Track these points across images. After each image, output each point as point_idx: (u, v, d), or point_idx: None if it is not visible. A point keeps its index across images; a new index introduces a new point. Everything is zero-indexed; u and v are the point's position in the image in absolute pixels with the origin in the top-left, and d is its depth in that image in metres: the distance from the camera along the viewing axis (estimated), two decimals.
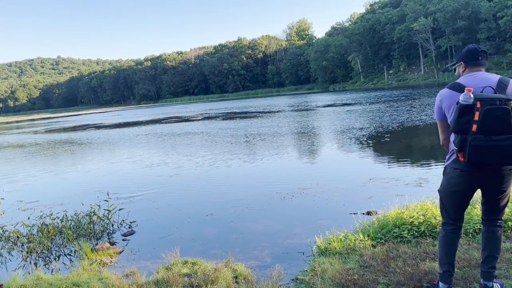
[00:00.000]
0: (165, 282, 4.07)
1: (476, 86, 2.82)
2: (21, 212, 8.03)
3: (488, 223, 3.07)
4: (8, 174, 13.55)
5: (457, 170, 2.90)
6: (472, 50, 2.99)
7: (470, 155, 2.69)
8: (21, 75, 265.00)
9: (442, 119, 3.04)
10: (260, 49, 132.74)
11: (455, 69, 3.18)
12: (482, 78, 2.89)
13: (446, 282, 3.11)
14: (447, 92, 2.95)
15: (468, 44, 3.16)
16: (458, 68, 3.10)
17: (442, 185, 3.08)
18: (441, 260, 3.13)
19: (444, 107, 2.97)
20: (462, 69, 3.05)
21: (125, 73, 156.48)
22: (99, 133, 29.11)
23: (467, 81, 2.91)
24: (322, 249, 4.47)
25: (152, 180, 10.42)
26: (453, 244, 3.08)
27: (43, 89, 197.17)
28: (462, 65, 3.04)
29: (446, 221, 3.11)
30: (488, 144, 2.63)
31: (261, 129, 20.70)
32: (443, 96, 2.98)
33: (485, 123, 2.61)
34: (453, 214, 3.06)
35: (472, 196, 3.04)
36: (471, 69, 2.98)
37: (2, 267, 5.61)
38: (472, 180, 2.88)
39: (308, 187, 8.04)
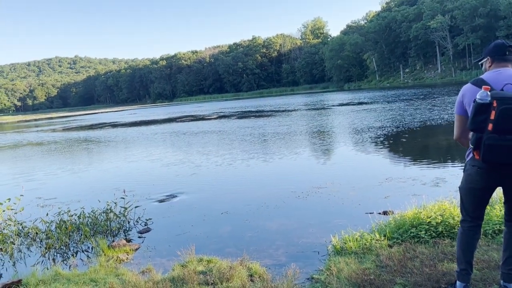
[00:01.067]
0: (181, 279, 4.10)
1: (499, 83, 2.79)
2: (39, 209, 8.18)
3: (510, 224, 3.03)
4: (27, 172, 13.80)
5: (474, 167, 2.88)
6: (499, 45, 2.96)
7: (485, 154, 2.67)
8: (39, 74, 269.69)
9: (462, 114, 3.00)
10: (274, 48, 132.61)
11: (481, 64, 3.14)
12: (507, 74, 2.85)
13: (463, 281, 3.08)
14: (470, 87, 2.93)
15: (496, 40, 3.12)
16: (485, 63, 3.07)
17: (462, 182, 3.05)
18: (458, 258, 3.10)
19: (465, 102, 2.95)
20: (488, 64, 3.01)
21: (141, 72, 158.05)
22: (116, 131, 29.45)
23: (491, 77, 2.88)
24: (337, 248, 4.44)
25: (167, 178, 10.50)
26: (470, 242, 3.04)
27: (60, 88, 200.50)
28: (488, 60, 3.01)
29: (464, 218, 3.08)
30: (503, 144, 2.60)
31: (276, 128, 20.68)
32: (465, 91, 2.96)
33: (500, 123, 2.59)
34: (471, 212, 3.02)
35: (491, 195, 3.00)
36: (498, 64, 2.95)
37: (21, 262, 5.72)
38: (490, 178, 2.85)
39: (323, 186, 8.00)
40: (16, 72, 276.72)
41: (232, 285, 3.87)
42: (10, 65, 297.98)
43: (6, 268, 5.56)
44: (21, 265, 5.62)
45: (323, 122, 21.85)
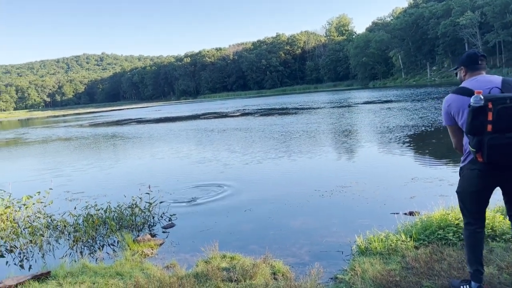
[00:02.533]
0: (205, 275, 4.13)
1: (482, 88, 2.89)
2: (67, 202, 8.40)
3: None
4: (56, 166, 14.18)
5: (474, 170, 2.95)
6: (471, 55, 3.10)
7: (489, 155, 2.74)
8: (68, 70, 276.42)
9: (452, 124, 3.11)
10: (298, 45, 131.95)
11: (456, 73, 3.28)
12: (485, 80, 2.99)
13: (477, 281, 3.13)
14: (454, 97, 3.04)
15: (468, 50, 3.27)
16: (460, 73, 3.22)
17: (460, 187, 3.15)
18: (469, 259, 3.15)
19: (453, 112, 3.04)
20: (463, 74, 3.17)
21: (166, 69, 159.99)
22: (142, 127, 29.92)
23: (472, 84, 3.00)
24: (362, 248, 4.38)
25: (192, 174, 10.59)
26: (479, 243, 3.13)
27: (88, 84, 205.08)
28: (463, 69, 3.16)
29: (468, 221, 3.15)
30: (504, 142, 2.69)
31: (300, 126, 20.59)
32: (450, 101, 3.05)
33: (499, 122, 2.69)
34: (475, 213, 3.10)
35: (490, 195, 3.07)
36: (472, 73, 3.09)
37: (50, 254, 5.88)
38: (490, 179, 2.94)
39: (348, 185, 7.91)
40: (46, 69, 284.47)
41: (256, 282, 3.88)
42: (40, 62, 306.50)
43: (36, 260, 5.72)
44: (50, 257, 5.77)
45: (348, 120, 21.61)
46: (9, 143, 26.47)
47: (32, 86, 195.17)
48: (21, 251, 6.04)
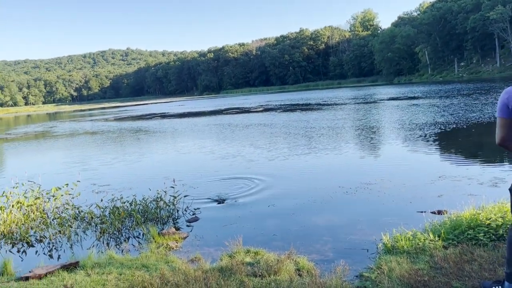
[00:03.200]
0: (229, 269, 4.14)
1: None
2: (94, 195, 8.57)
3: None
4: (84, 160, 14.50)
5: None
6: None
7: None
8: (94, 65, 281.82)
9: (507, 117, 2.90)
10: (322, 40, 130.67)
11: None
12: None
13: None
14: None
15: None
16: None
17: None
18: (509, 260, 3.01)
19: (511, 105, 2.86)
20: None
21: (189, 64, 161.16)
22: (166, 122, 30.27)
23: None
24: (388, 247, 4.31)
25: (216, 169, 10.64)
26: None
27: (113, 79, 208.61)
28: None
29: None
30: None
31: (324, 122, 20.42)
32: (510, 93, 2.87)
33: None
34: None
35: None
36: None
37: (78, 245, 6.01)
38: None
39: (373, 183, 7.80)
40: (73, 64, 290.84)
41: (280, 278, 3.87)
42: (68, 57, 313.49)
43: (64, 250, 5.86)
44: (78, 248, 5.91)
45: (374, 116, 21.29)
46: (38, 136, 27.21)
47: (60, 81, 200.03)
48: (50, 241, 6.20)
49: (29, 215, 7.12)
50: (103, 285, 4.08)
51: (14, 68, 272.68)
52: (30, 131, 31.85)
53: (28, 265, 5.20)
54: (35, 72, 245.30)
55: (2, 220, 6.75)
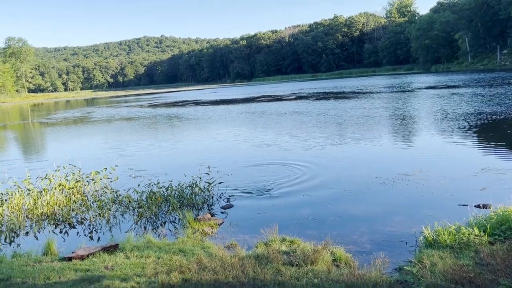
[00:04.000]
0: (265, 257, 4.14)
1: None
2: (132, 179, 8.76)
3: None
4: (121, 145, 14.85)
5: None
6: None
7: None
8: (129, 52, 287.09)
9: None
10: (357, 27, 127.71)
11: None
12: None
13: None
14: None
15: None
16: None
17: None
18: None
19: None
20: None
21: (222, 52, 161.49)
22: (199, 109, 30.55)
23: None
24: (429, 240, 4.18)
25: (251, 157, 10.65)
26: None
27: (147, 66, 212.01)
28: None
29: None
30: None
31: (360, 110, 20.03)
32: None
33: None
34: None
35: None
36: None
37: (117, 228, 6.17)
38: None
39: (410, 174, 7.59)
40: (109, 51, 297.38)
41: (317, 268, 3.83)
42: (104, 44, 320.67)
43: (104, 232, 6.04)
44: (116, 230, 6.06)
45: (412, 105, 20.68)
46: (77, 121, 28.08)
47: (97, 67, 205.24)
48: (91, 223, 6.40)
49: (70, 198, 7.37)
50: (142, 268, 4.17)
51: (54, 55, 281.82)
52: (69, 116, 32.92)
53: (70, 245, 5.38)
54: (74, 59, 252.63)
55: (46, 202, 7.01)
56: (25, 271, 4.27)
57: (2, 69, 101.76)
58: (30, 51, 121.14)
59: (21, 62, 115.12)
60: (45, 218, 6.64)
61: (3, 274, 4.18)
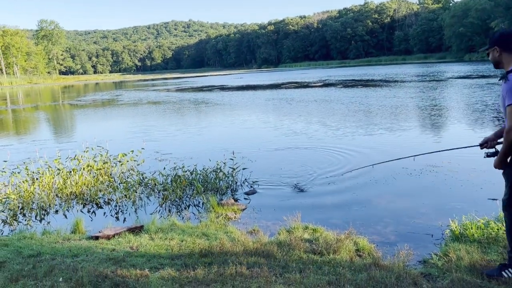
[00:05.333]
0: (288, 244, 4.14)
1: None
2: (157, 162, 8.91)
3: None
4: (147, 129, 15.08)
5: None
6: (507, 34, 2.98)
7: None
8: (157, 36, 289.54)
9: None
10: (388, 13, 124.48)
11: (488, 54, 3.08)
12: None
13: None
14: None
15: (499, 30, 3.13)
16: (493, 53, 3.03)
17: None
18: None
19: None
20: (497, 54, 3.01)
21: (249, 37, 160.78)
22: (226, 94, 30.64)
23: None
24: (456, 234, 4.09)
25: (276, 144, 10.62)
26: None
27: (175, 50, 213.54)
28: (496, 50, 3.00)
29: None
30: None
31: (392, 100, 19.62)
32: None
33: None
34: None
35: None
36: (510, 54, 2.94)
37: (142, 209, 6.30)
38: None
39: (439, 165, 7.40)
40: (138, 35, 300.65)
41: (340, 257, 3.80)
42: (133, 28, 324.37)
43: (129, 213, 6.17)
44: (142, 212, 6.19)
45: (446, 95, 20.04)
46: (106, 103, 28.65)
47: (126, 51, 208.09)
48: (117, 204, 6.55)
49: (98, 178, 7.55)
50: (165, 250, 4.24)
51: (85, 38, 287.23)
52: (98, 99, 33.62)
53: (97, 225, 5.54)
54: (103, 42, 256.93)
55: (74, 182, 7.21)
56: (54, 248, 4.42)
57: (35, 51, 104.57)
58: (62, 33, 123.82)
59: (53, 44, 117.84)
60: (73, 198, 6.83)
61: (33, 251, 4.34)
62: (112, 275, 3.63)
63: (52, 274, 3.70)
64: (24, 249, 4.39)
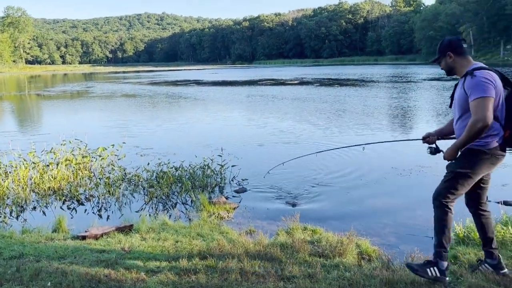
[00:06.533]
0: (291, 246, 3.97)
1: None
2: (139, 158, 8.56)
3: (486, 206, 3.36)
4: (126, 123, 14.60)
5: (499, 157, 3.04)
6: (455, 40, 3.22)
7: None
8: (129, 28, 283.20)
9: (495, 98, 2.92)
10: (361, 14, 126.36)
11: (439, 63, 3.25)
12: None
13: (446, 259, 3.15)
14: (495, 75, 2.98)
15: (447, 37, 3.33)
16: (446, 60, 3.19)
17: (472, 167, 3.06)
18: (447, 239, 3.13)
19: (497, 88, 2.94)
20: (450, 59, 3.17)
21: (223, 32, 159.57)
22: (203, 89, 30.20)
23: None
24: (460, 237, 4.03)
25: (262, 141, 10.42)
26: None
27: (147, 43, 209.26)
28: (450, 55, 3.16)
29: (452, 200, 3.18)
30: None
31: (375, 99, 19.79)
32: (495, 77, 2.97)
33: None
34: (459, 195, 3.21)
35: None
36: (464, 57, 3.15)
37: (127, 207, 5.99)
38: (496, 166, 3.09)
39: (427, 165, 7.41)
40: (109, 26, 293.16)
41: (347, 261, 3.67)
42: (104, 18, 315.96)
43: (113, 211, 5.86)
44: (127, 210, 5.89)
45: (427, 96, 20.37)
46: (77, 95, 27.71)
47: (96, 42, 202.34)
48: (99, 200, 6.21)
49: (77, 173, 7.16)
50: (160, 251, 3.99)
51: (53, 26, 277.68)
52: (68, 90, 32.50)
53: (80, 223, 5.21)
54: (73, 32, 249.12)
55: (52, 176, 6.81)
56: (38, 248, 4.09)
57: (0, 38, 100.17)
58: (29, 21, 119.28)
59: (20, 32, 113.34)
60: (52, 193, 6.44)
61: (15, 251, 4.00)
62: (106, 280, 3.37)
63: (39, 278, 3.40)
64: (4, 250, 4.04)
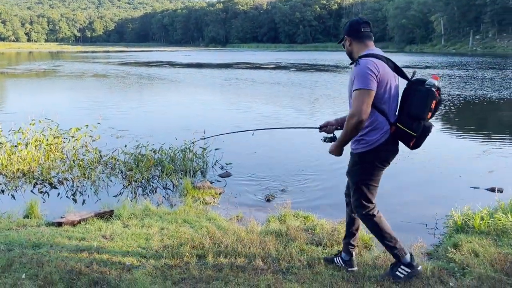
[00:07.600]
0: (286, 234, 3.76)
1: None
2: (115, 139, 8.13)
3: None
4: (98, 102, 13.98)
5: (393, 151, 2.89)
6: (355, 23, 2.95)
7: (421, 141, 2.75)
8: (99, 6, 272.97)
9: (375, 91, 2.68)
10: (335, 0, 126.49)
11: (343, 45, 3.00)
12: None
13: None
14: (382, 64, 2.71)
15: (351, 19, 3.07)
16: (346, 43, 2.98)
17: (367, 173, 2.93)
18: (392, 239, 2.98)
19: (380, 78, 2.68)
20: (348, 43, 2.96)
21: (197, 14, 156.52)
22: (178, 71, 29.46)
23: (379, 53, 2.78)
24: (459, 224, 3.92)
25: (245, 126, 10.10)
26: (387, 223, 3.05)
27: (118, 22, 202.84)
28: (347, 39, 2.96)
29: (374, 206, 3.03)
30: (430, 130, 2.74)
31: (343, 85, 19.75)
32: (380, 67, 2.69)
33: (435, 111, 2.73)
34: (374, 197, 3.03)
35: None
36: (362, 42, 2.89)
37: (104, 191, 5.64)
38: None
39: (414, 152, 7.30)
40: (77, 3, 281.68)
41: None
42: None
43: (89, 195, 5.50)
44: (103, 194, 5.54)
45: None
46: (44, 74, 26.46)
47: (64, 19, 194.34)
48: (73, 184, 5.82)
49: (48, 155, 6.69)
50: (145, 239, 3.70)
51: (17, 2, 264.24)
52: (34, 68, 31.03)
53: (53, 208, 4.84)
54: (39, 8, 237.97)
55: (22, 158, 6.33)
56: (9, 236, 3.71)
57: None
58: None
59: None
60: (21, 176, 5.99)
61: None
62: (88, 271, 3.07)
63: (12, 269, 3.06)
64: None
